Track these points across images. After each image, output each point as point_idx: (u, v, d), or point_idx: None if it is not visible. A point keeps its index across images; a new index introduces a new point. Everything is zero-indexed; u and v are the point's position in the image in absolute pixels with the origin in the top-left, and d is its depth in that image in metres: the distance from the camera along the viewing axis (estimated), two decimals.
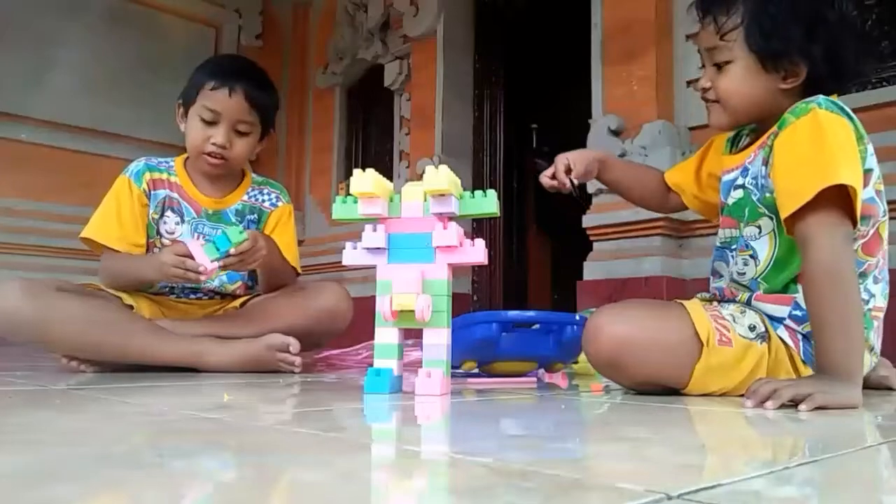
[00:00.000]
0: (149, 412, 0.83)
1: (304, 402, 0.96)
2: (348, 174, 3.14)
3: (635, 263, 2.62)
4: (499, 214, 1.09)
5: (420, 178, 1.08)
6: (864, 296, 1.06)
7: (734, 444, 0.70)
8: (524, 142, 4.54)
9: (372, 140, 4.51)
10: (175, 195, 1.67)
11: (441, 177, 1.02)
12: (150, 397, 0.99)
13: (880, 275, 1.10)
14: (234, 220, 1.70)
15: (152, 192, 1.66)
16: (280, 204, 1.77)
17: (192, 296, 1.71)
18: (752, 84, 1.08)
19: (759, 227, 1.10)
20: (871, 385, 1.21)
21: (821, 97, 1.05)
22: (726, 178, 1.19)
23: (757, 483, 0.47)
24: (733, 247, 1.16)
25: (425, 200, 1.08)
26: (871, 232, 1.08)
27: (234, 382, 1.25)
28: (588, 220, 2.82)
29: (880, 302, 1.10)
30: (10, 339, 1.42)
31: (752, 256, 1.11)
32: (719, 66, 1.10)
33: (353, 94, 4.64)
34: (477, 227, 3.76)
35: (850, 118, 1.04)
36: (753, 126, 1.19)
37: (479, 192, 1.08)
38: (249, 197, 1.74)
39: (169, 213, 1.67)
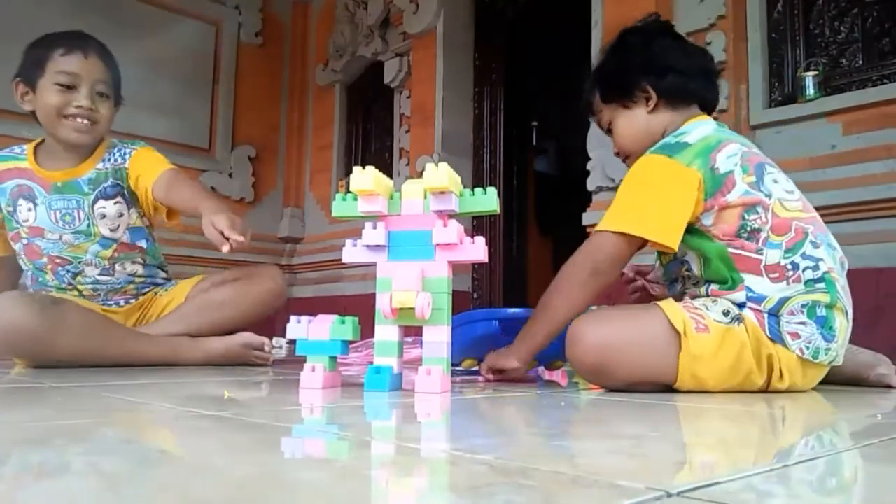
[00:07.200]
0: (150, 409, 0.83)
1: (303, 400, 0.96)
2: (348, 171, 3.13)
3: (635, 261, 2.61)
4: (499, 212, 1.09)
5: (420, 175, 1.08)
6: (810, 262, 1.10)
7: (734, 441, 0.70)
8: (524, 139, 4.54)
9: (372, 137, 4.50)
10: (24, 181, 1.63)
11: (441, 174, 1.02)
12: (151, 394, 0.99)
13: (817, 239, 1.13)
14: (87, 189, 1.64)
15: (0, 187, 1.63)
16: (135, 149, 1.70)
17: (110, 303, 1.71)
18: (629, 125, 1.29)
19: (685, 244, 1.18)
20: (871, 383, 1.22)
21: (666, 140, 1.20)
22: None
23: (756, 481, 0.47)
24: (673, 260, 1.26)
25: (425, 198, 1.08)
26: (769, 216, 1.12)
27: (234, 381, 1.25)
28: (588, 218, 2.82)
29: (831, 263, 1.12)
30: (9, 353, 1.41)
31: (688, 270, 1.21)
32: (611, 132, 1.34)
33: (353, 91, 4.63)
34: (477, 224, 3.76)
35: (681, 152, 1.14)
36: None
37: (479, 190, 1.08)
38: (105, 163, 1.66)
39: (21, 201, 1.63)
